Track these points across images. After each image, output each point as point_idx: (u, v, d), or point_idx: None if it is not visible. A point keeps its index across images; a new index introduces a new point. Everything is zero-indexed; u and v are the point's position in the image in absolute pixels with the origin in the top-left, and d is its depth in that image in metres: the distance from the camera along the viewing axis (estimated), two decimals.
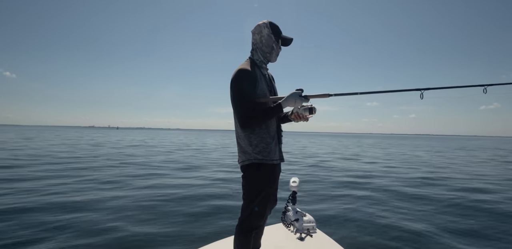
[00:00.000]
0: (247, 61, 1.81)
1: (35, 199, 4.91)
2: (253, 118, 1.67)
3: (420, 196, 5.86)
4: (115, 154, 13.68)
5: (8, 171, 7.86)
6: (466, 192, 6.36)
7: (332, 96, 1.68)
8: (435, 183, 7.42)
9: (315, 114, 1.71)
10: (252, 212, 1.77)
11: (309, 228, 2.68)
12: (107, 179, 7.02)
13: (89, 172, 7.94)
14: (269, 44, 1.79)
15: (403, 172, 9.42)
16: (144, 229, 3.61)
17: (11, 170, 7.97)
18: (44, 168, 8.58)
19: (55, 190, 5.64)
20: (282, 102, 1.67)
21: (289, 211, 2.85)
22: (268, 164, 1.76)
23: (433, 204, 5.22)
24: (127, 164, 10.04)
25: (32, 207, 4.45)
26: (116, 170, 8.54)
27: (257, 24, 1.82)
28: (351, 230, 3.74)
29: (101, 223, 3.78)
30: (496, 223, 4.19)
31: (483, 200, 5.55)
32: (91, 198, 5.10)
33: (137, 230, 3.56)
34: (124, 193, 5.53)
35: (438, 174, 9.06)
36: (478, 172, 9.82)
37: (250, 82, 1.70)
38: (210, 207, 4.73)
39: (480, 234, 3.73)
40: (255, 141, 1.74)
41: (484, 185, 7.24)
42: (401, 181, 7.62)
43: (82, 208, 4.45)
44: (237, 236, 1.80)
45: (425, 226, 3.96)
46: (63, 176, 7.21)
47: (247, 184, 1.79)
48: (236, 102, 1.70)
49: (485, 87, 1.74)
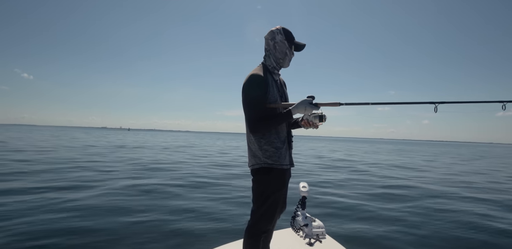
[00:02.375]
0: (260, 67, 1.83)
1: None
2: (262, 123, 1.69)
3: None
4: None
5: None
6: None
7: (343, 105, 1.68)
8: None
9: (325, 122, 1.71)
10: (262, 216, 1.78)
11: (319, 233, 2.67)
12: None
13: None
14: (283, 50, 1.81)
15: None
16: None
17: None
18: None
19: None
20: (292, 109, 1.68)
21: (299, 216, 2.84)
22: (278, 169, 1.77)
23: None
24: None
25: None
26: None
27: (270, 30, 1.84)
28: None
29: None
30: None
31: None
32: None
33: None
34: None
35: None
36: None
37: (262, 87, 1.72)
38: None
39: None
40: (265, 146, 1.76)
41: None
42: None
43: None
44: (246, 239, 1.82)
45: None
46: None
47: (257, 188, 1.80)
48: (246, 106, 1.73)
49: (504, 103, 1.61)
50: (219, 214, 4.50)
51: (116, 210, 4.47)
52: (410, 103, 1.75)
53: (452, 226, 4.25)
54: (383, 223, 4.27)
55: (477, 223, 4.44)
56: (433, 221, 4.50)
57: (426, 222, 4.41)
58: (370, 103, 1.72)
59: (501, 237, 3.86)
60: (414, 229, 4.06)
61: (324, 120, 1.70)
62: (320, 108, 1.69)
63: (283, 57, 1.83)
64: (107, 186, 6.29)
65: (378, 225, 4.16)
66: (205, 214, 4.47)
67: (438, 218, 4.65)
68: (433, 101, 1.70)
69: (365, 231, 3.90)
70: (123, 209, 4.55)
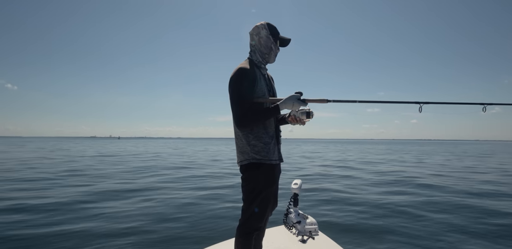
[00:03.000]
0: (246, 61, 1.81)
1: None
2: (250, 117, 1.66)
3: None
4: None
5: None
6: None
7: (331, 102, 1.67)
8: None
9: (312, 118, 1.70)
10: (253, 214, 1.75)
11: (311, 230, 2.65)
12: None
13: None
14: (268, 45, 1.80)
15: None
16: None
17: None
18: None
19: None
20: (280, 104, 1.66)
21: (291, 213, 2.82)
22: (267, 164, 1.74)
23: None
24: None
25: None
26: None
27: (255, 25, 1.83)
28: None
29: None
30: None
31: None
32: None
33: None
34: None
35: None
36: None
37: (249, 81, 1.70)
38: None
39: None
40: (253, 141, 1.74)
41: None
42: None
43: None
44: (237, 238, 1.78)
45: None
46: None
47: (247, 185, 1.77)
48: (234, 100, 1.69)
49: (485, 105, 1.79)
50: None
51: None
52: (396, 102, 1.77)
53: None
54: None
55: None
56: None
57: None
58: (358, 101, 1.72)
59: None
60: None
61: (311, 117, 1.69)
62: (308, 104, 1.68)
63: (268, 52, 1.82)
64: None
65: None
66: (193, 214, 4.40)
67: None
68: (418, 101, 1.73)
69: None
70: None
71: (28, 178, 8.34)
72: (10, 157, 16.49)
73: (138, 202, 5.36)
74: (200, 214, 4.56)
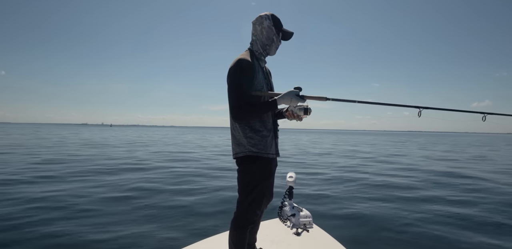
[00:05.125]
0: (247, 52, 1.76)
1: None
2: (246, 110, 1.62)
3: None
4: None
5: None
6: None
7: (330, 100, 1.65)
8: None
9: (309, 115, 1.67)
10: (248, 207, 1.72)
11: (306, 223, 2.65)
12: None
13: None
14: (270, 36, 1.76)
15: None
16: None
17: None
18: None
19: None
20: (278, 99, 1.63)
21: (286, 206, 2.81)
22: (264, 157, 1.71)
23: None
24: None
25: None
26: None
27: (258, 15, 1.77)
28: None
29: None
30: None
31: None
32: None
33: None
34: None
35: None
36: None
37: (249, 73, 1.65)
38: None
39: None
40: (250, 133, 1.70)
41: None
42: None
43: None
44: (232, 231, 1.75)
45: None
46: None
47: (243, 178, 1.74)
48: (231, 92, 1.65)
49: (485, 115, 1.80)
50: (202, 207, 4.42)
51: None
52: (396, 105, 1.76)
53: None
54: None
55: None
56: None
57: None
58: (357, 101, 1.70)
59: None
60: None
61: (309, 113, 1.67)
62: (306, 100, 1.64)
63: (269, 43, 1.77)
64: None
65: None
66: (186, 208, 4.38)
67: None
68: (418, 106, 1.72)
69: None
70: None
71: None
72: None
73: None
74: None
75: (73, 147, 15.36)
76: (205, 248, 2.27)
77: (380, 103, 1.77)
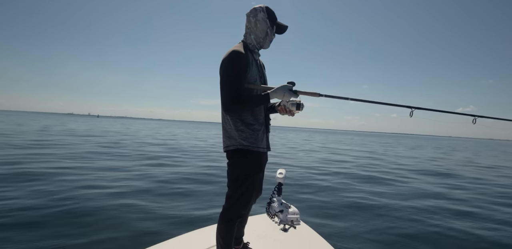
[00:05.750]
0: (240, 44, 1.76)
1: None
2: (238, 103, 1.62)
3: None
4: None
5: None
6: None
7: (323, 96, 1.65)
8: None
9: (302, 110, 1.68)
10: (237, 200, 1.73)
11: (293, 219, 2.67)
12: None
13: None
14: (264, 29, 1.75)
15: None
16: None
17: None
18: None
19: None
20: (271, 93, 1.62)
21: (274, 202, 2.83)
22: (255, 151, 1.72)
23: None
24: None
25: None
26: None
27: (253, 7, 1.77)
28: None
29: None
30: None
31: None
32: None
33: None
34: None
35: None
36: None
37: (242, 65, 1.64)
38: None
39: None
40: (241, 127, 1.70)
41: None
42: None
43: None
44: (220, 224, 1.76)
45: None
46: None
47: (232, 172, 1.74)
48: (223, 84, 1.64)
49: (475, 117, 1.86)
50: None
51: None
52: (389, 104, 1.77)
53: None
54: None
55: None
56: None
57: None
58: (350, 98, 1.71)
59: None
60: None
61: (301, 109, 1.67)
62: (299, 96, 1.65)
63: (263, 36, 1.77)
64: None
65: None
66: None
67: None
68: (410, 106, 1.73)
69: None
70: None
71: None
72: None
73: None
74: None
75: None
76: (193, 240, 2.28)
77: (373, 102, 1.76)
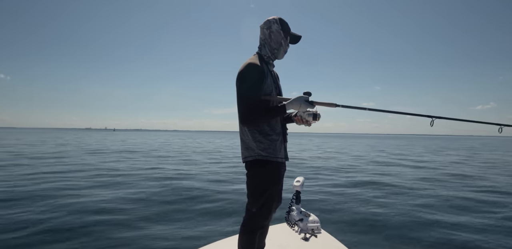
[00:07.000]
0: (256, 56, 1.77)
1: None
2: (255, 115, 1.63)
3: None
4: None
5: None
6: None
7: (339, 107, 1.65)
8: None
9: (318, 120, 1.68)
10: (258, 212, 1.72)
11: (314, 228, 2.63)
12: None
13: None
14: (278, 40, 1.76)
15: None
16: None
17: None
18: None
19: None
20: (287, 104, 1.63)
21: (293, 211, 2.79)
22: (273, 161, 1.71)
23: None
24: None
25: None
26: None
27: (266, 19, 1.79)
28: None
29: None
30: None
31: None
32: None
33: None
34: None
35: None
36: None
37: (258, 77, 1.66)
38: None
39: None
40: (259, 137, 1.70)
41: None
42: None
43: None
44: (241, 235, 1.75)
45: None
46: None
47: (252, 183, 1.74)
48: (240, 96, 1.66)
49: (501, 126, 1.71)
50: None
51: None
52: (408, 114, 1.74)
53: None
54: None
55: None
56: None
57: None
58: (368, 108, 1.70)
59: None
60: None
61: (318, 119, 1.67)
62: (316, 106, 1.65)
63: (278, 47, 1.78)
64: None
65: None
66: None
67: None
68: (431, 115, 1.69)
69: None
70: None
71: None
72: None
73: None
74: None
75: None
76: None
77: (392, 112, 1.73)
